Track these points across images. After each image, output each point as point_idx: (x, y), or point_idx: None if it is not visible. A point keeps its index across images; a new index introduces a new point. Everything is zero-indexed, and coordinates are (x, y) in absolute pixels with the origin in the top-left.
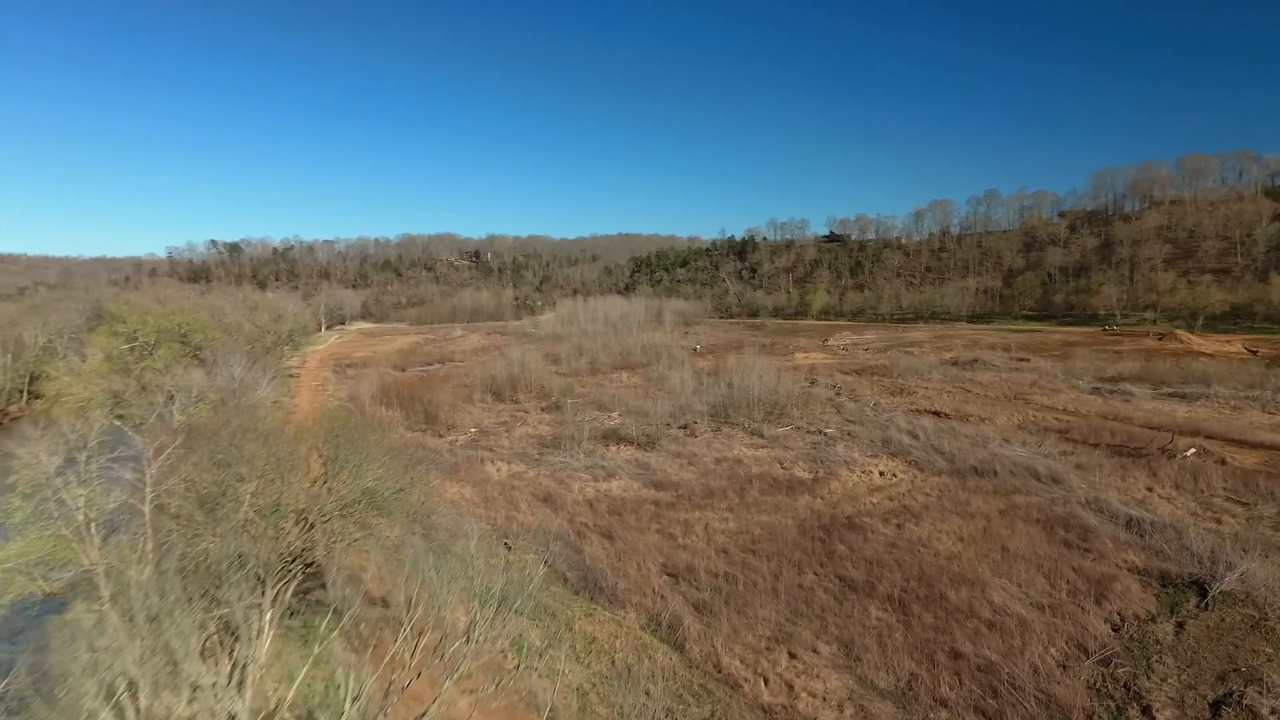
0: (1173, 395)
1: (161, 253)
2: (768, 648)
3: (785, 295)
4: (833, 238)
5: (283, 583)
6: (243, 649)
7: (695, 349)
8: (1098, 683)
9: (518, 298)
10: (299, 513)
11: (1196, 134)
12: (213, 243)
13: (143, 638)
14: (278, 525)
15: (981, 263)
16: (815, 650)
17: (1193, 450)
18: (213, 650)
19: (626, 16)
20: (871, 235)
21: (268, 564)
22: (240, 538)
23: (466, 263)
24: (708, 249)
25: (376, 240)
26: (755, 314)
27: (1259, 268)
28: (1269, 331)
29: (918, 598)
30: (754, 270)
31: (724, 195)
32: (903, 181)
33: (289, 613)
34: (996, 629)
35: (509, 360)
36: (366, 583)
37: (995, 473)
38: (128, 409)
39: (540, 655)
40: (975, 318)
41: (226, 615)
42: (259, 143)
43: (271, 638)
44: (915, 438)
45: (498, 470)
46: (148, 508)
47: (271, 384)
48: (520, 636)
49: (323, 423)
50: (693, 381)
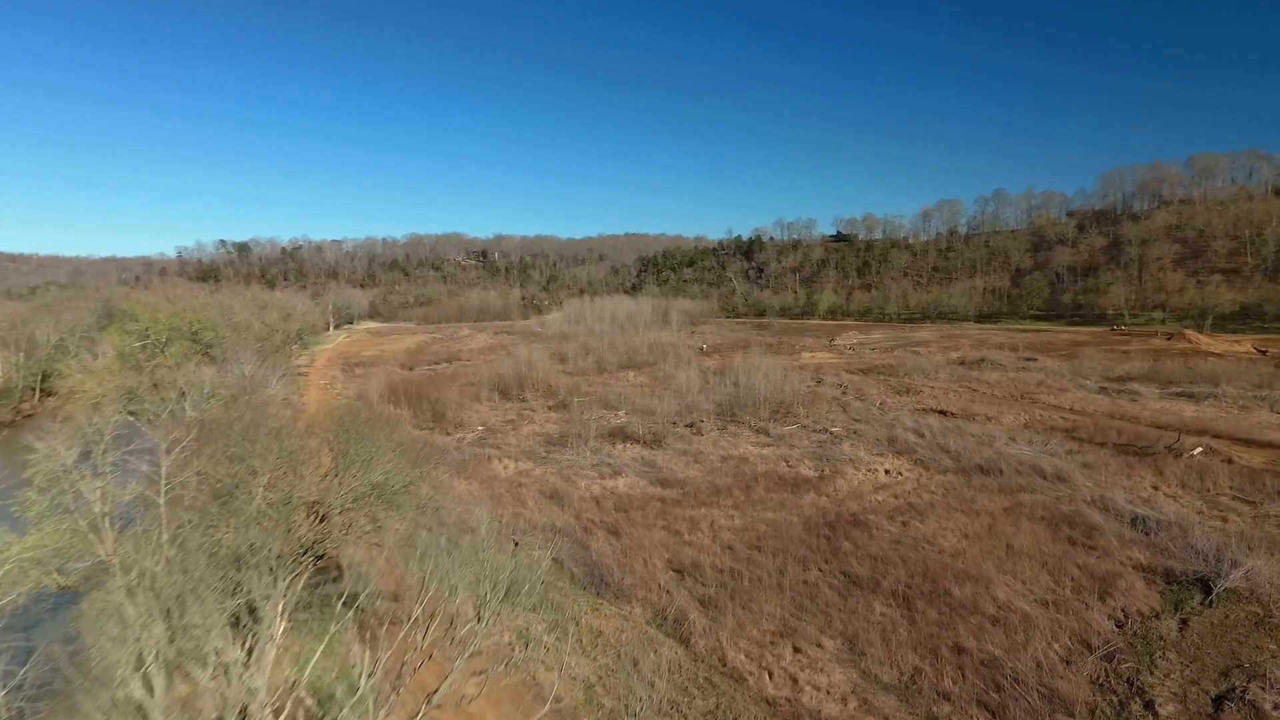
0: (1180, 395)
1: (171, 252)
2: (772, 642)
3: (792, 295)
4: (840, 237)
5: (294, 574)
6: (264, 628)
7: (702, 348)
8: (1101, 677)
9: (525, 297)
10: (310, 505)
11: (1206, 133)
12: (222, 242)
13: (170, 610)
14: (289, 518)
15: (989, 262)
16: (819, 645)
17: (1199, 449)
18: (228, 635)
19: (634, 16)
20: (879, 235)
21: (280, 555)
22: (253, 529)
23: (474, 262)
24: (714, 249)
25: (384, 240)
26: (762, 314)
27: (1269, 267)
28: (1279, 331)
29: (922, 594)
30: (761, 270)
31: (731, 195)
32: (910, 181)
33: (300, 605)
34: (1000, 624)
35: (516, 359)
36: (377, 574)
37: (1001, 471)
38: (140, 405)
39: (547, 649)
40: (983, 318)
41: (239, 606)
42: (267, 143)
43: (283, 630)
44: (921, 436)
45: (505, 468)
46: (163, 499)
47: (281, 382)
48: (527, 630)
49: (333, 418)
50: (699, 380)
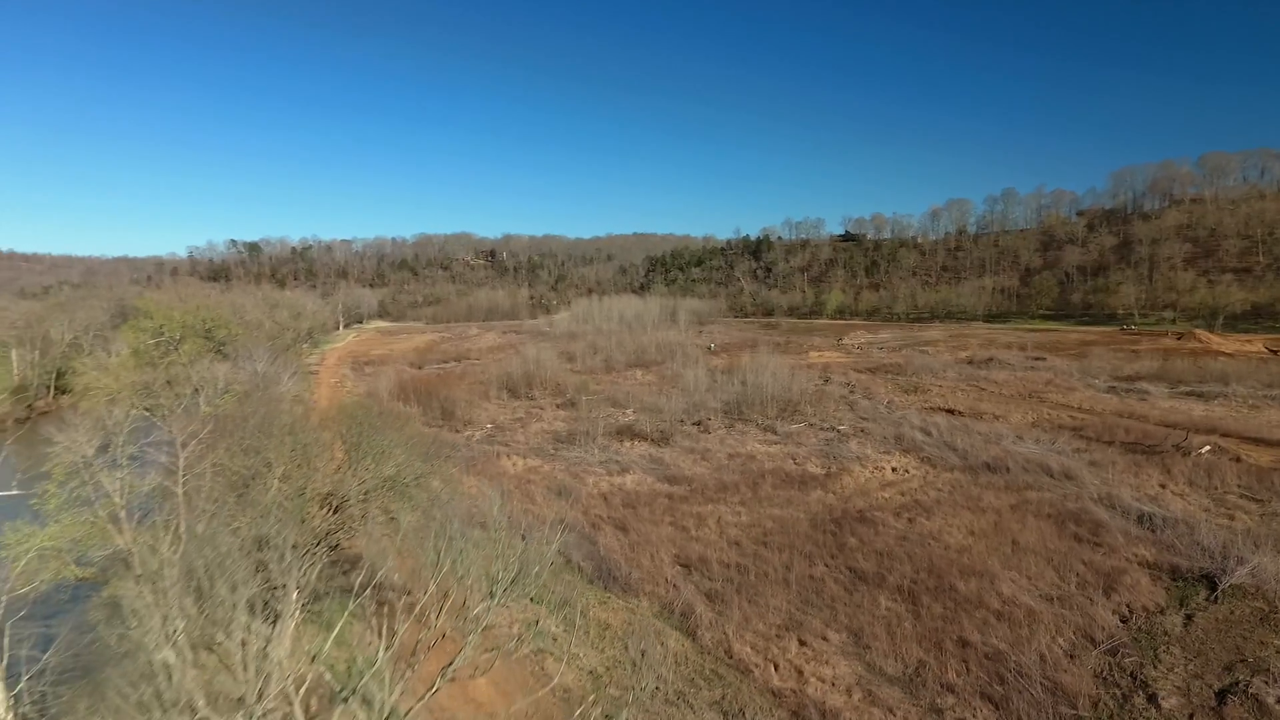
0: (1190, 394)
1: (182, 252)
2: (778, 635)
3: (800, 294)
4: (848, 237)
5: (309, 564)
6: (284, 604)
7: (710, 347)
8: (1104, 671)
9: (533, 297)
10: (324, 497)
11: (1217, 131)
12: (232, 242)
13: (200, 582)
14: (304, 509)
15: (998, 262)
16: (825, 638)
17: (1207, 448)
18: (254, 608)
19: (643, 16)
20: (887, 234)
21: (294, 546)
22: (270, 519)
23: (482, 262)
24: (723, 248)
25: (393, 240)
26: (770, 313)
27: None
28: None
29: (927, 589)
30: (769, 270)
31: (739, 195)
32: (919, 180)
33: (315, 596)
34: (1005, 619)
35: (524, 358)
36: (390, 563)
37: (1008, 469)
38: (155, 401)
39: (555, 639)
40: (992, 317)
41: (261, 585)
42: (278, 144)
43: (300, 615)
44: (928, 434)
45: (514, 464)
46: (181, 490)
47: (293, 379)
48: (536, 623)
49: (345, 413)
50: (707, 379)
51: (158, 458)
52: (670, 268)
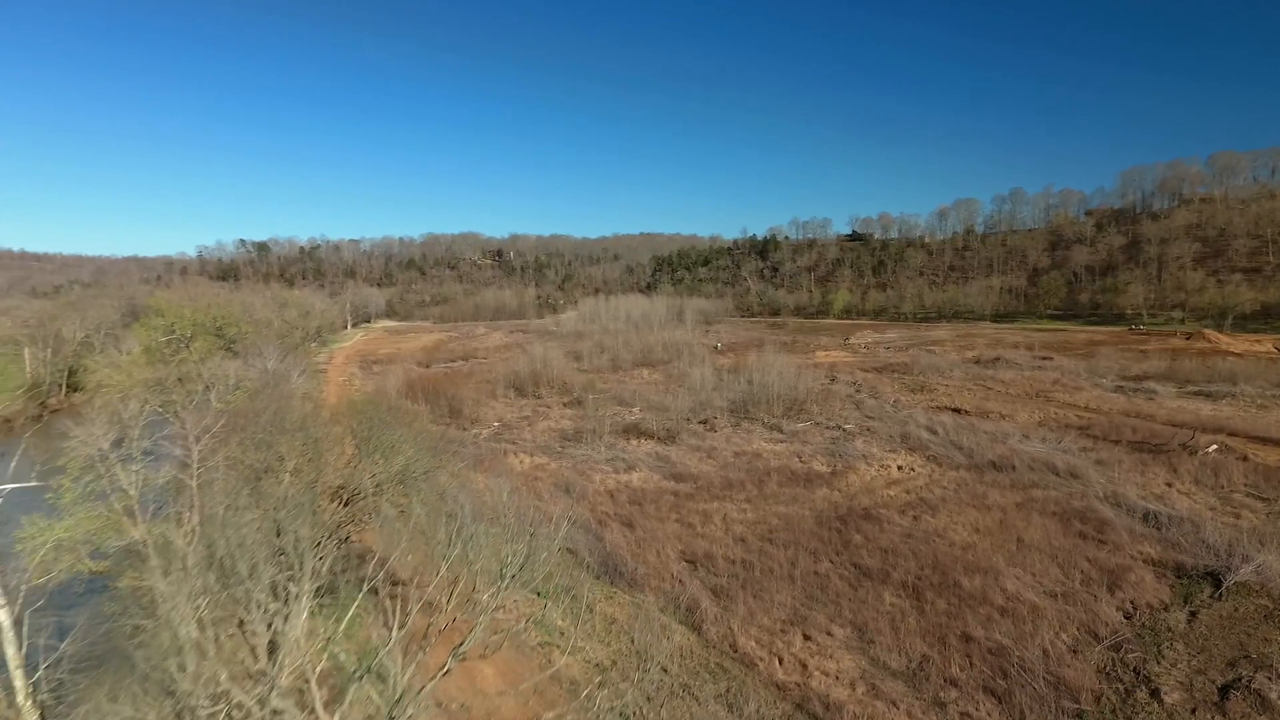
0: (1198, 394)
1: (192, 252)
2: (783, 630)
3: (807, 294)
4: (855, 237)
5: (319, 557)
6: (300, 583)
7: (716, 347)
8: (1108, 666)
9: (540, 296)
10: (335, 490)
11: (1227, 130)
12: (241, 242)
13: (221, 562)
14: (315, 502)
15: (1006, 262)
16: (829, 633)
17: (1214, 447)
18: (274, 588)
19: (649, 16)
20: (894, 234)
21: (306, 538)
22: (282, 510)
23: (489, 262)
24: (729, 248)
25: (401, 239)
26: (777, 313)
27: None
28: None
29: (931, 585)
30: (775, 269)
31: (746, 194)
32: (926, 180)
33: (326, 589)
34: (1008, 615)
35: (531, 357)
36: (401, 554)
37: (1013, 467)
38: (168, 397)
39: (561, 633)
40: (999, 317)
41: (274, 575)
42: (286, 144)
43: (313, 601)
44: (934, 433)
45: (520, 462)
46: (194, 483)
47: (302, 377)
48: (543, 617)
49: (355, 408)
50: (713, 378)
51: (172, 450)
52: (677, 267)
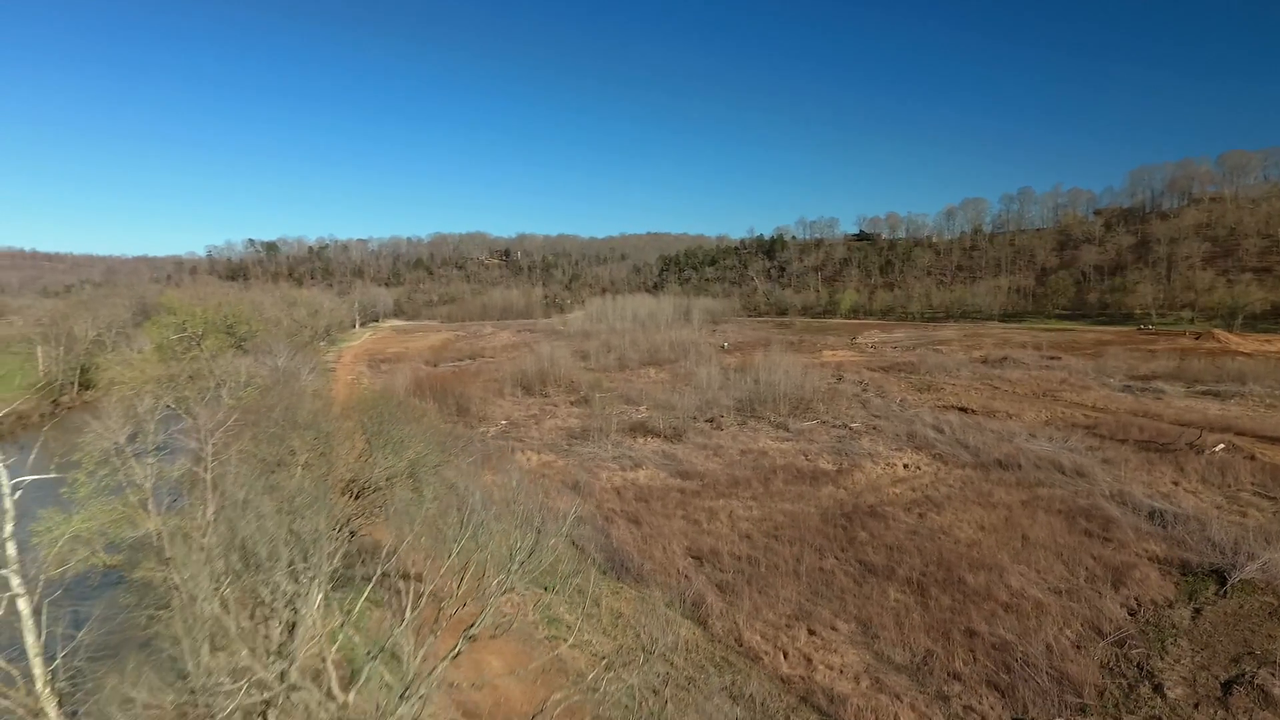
0: (1206, 393)
1: (201, 252)
2: (788, 625)
3: (814, 294)
4: (862, 236)
5: (331, 548)
6: (315, 565)
7: (723, 346)
8: (1111, 662)
9: (547, 296)
10: (346, 483)
11: (1237, 129)
12: (250, 242)
13: (244, 542)
14: (326, 495)
15: (1014, 261)
16: (834, 628)
17: (1221, 446)
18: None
19: (656, 15)
20: (902, 234)
21: (322, 525)
22: (296, 500)
23: (497, 261)
24: (736, 248)
25: (409, 239)
26: (784, 312)
27: None
28: None
29: (936, 581)
30: (783, 269)
31: (753, 194)
32: (934, 179)
33: (338, 581)
34: (1013, 611)
35: (539, 356)
36: (410, 546)
37: (1019, 466)
38: (180, 393)
39: (569, 626)
40: (1007, 317)
41: (292, 556)
42: (295, 144)
43: (323, 593)
44: (940, 432)
45: (528, 460)
46: (209, 476)
47: (312, 374)
48: (550, 610)
49: (365, 404)
50: (719, 377)
51: (185, 445)
52: (684, 267)
